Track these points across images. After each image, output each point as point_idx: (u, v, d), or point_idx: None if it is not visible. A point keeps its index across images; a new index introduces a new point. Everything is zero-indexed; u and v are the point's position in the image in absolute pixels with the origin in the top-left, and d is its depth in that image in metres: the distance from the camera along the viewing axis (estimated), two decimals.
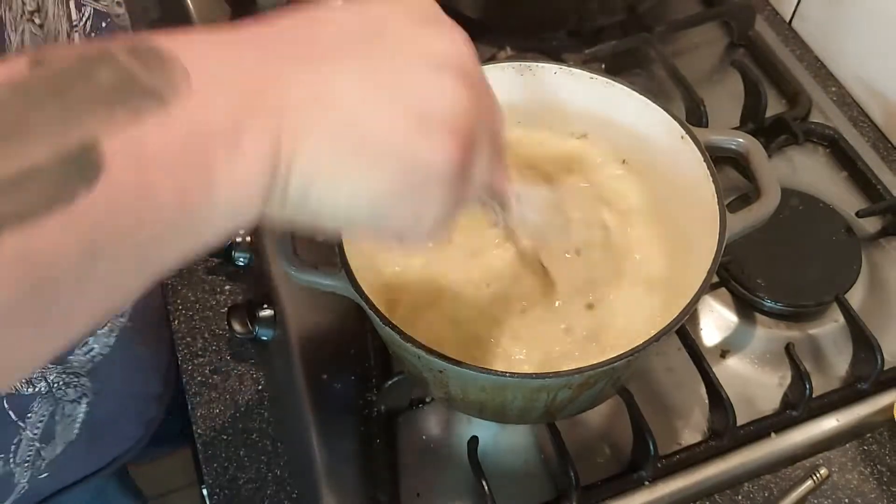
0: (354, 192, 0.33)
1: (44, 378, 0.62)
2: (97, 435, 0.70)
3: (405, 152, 0.33)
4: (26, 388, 0.61)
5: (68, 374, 0.64)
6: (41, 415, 0.63)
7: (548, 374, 0.48)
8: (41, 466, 0.67)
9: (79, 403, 0.67)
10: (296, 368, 0.64)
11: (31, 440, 0.64)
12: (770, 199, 0.54)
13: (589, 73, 0.59)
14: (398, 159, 0.33)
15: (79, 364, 0.64)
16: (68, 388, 0.65)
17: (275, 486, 0.62)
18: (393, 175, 0.33)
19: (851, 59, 0.82)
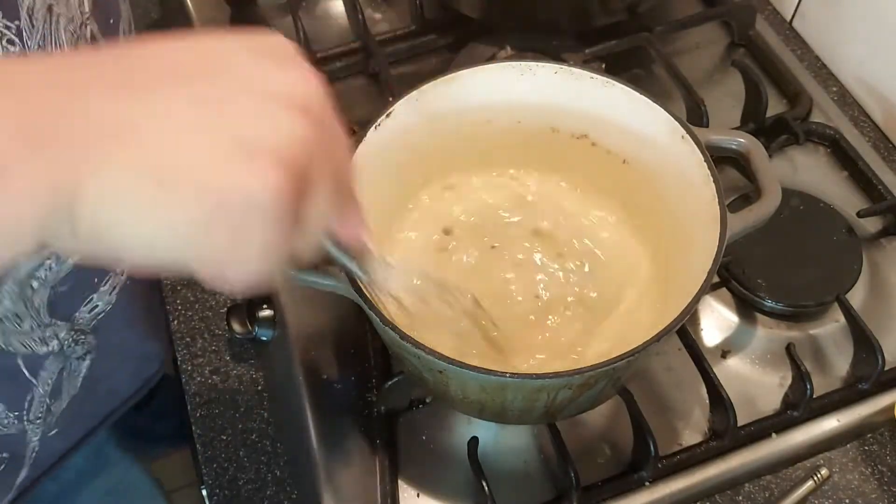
0: (156, 227, 0.30)
1: (55, 336, 0.62)
2: (94, 388, 0.71)
3: (217, 180, 0.30)
4: (41, 346, 0.62)
5: (76, 331, 0.64)
6: (52, 371, 0.64)
7: (548, 374, 0.48)
8: (51, 423, 0.67)
9: (83, 359, 0.67)
10: (296, 368, 0.64)
11: (42, 397, 0.65)
12: (771, 200, 0.54)
13: (589, 72, 0.59)
14: (208, 188, 0.30)
15: (84, 321, 0.65)
16: (76, 346, 0.66)
17: (275, 486, 0.62)
18: (201, 205, 0.30)
19: (852, 59, 0.82)
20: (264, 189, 0.30)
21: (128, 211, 0.30)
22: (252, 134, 0.31)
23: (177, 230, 0.31)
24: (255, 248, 0.32)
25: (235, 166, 0.30)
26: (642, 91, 0.57)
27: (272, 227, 0.31)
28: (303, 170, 0.31)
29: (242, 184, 0.30)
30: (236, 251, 0.32)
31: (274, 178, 0.30)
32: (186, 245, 0.31)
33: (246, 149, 0.30)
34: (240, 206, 0.30)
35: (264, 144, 0.31)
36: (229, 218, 0.31)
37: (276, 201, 0.31)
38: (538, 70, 0.59)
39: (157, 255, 0.31)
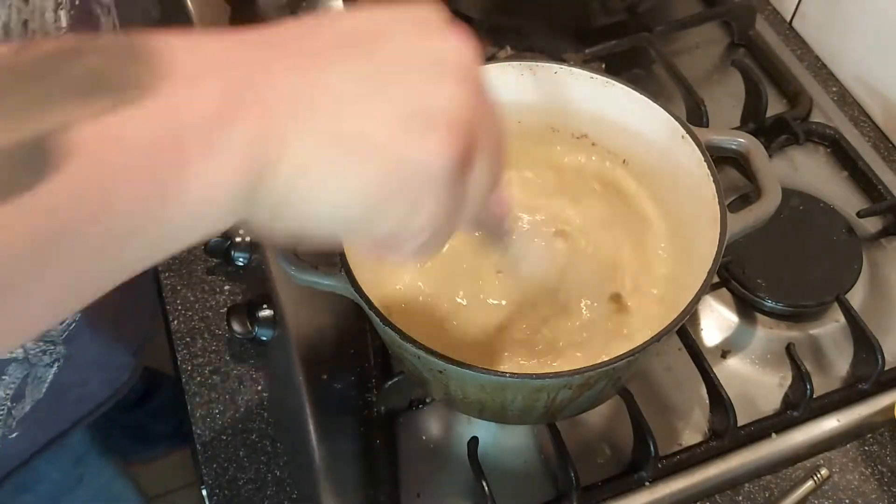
0: (341, 194, 0.31)
1: (21, 345, 0.62)
2: (61, 394, 0.70)
3: (396, 150, 0.31)
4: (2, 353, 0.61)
5: (45, 341, 0.64)
6: (14, 377, 0.63)
7: (548, 374, 0.48)
8: (12, 425, 0.67)
9: (51, 367, 0.67)
10: (296, 368, 0.64)
11: (3, 400, 0.64)
12: (771, 200, 0.54)
13: (589, 72, 0.59)
14: (387, 157, 0.31)
15: (55, 333, 0.64)
16: (44, 355, 0.65)
17: (275, 486, 0.62)
18: (381, 174, 0.31)
19: (852, 59, 0.82)
20: (441, 160, 0.31)
21: (317, 181, 0.31)
22: (426, 105, 0.32)
23: (362, 198, 0.31)
24: (430, 216, 0.33)
25: (415, 136, 0.31)
26: (642, 91, 0.57)
27: (447, 196, 0.32)
28: (472, 140, 0.32)
29: (422, 153, 0.31)
30: (413, 219, 0.33)
31: (448, 150, 0.31)
32: (369, 213, 0.32)
33: (422, 120, 0.31)
34: (418, 177, 0.32)
35: (438, 114, 0.31)
36: (410, 186, 0.32)
37: (450, 172, 0.32)
38: (538, 70, 0.59)
39: (339, 224, 0.33)
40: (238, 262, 0.71)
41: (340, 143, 0.31)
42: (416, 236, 0.34)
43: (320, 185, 0.31)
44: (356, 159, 0.31)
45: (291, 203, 0.31)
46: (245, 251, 0.70)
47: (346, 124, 0.31)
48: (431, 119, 0.31)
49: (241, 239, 0.70)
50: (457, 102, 0.32)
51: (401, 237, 0.34)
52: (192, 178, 0.28)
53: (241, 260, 0.71)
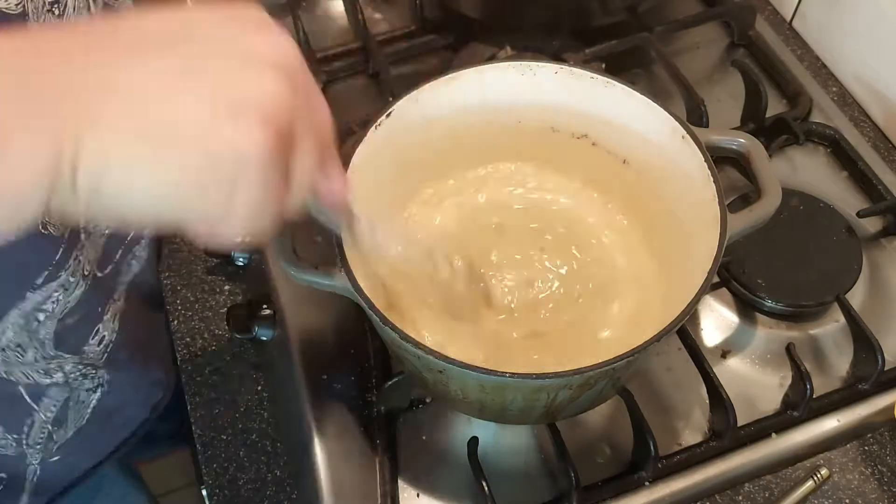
0: (151, 182, 0.31)
1: (60, 368, 0.62)
2: (106, 419, 0.70)
3: (204, 138, 0.31)
4: (44, 377, 0.61)
5: (85, 365, 0.64)
6: (56, 400, 0.64)
7: (547, 374, 0.48)
8: (53, 449, 0.67)
9: (94, 392, 0.67)
10: (296, 368, 0.64)
11: (44, 423, 0.64)
12: (771, 200, 0.54)
13: (590, 72, 0.59)
14: (196, 145, 0.31)
15: (94, 355, 0.65)
16: (85, 380, 0.65)
17: (275, 486, 0.62)
18: (191, 162, 0.31)
19: (852, 59, 0.82)
20: (252, 145, 0.32)
21: (124, 169, 0.31)
22: (236, 93, 0.32)
23: (171, 186, 0.32)
24: (246, 202, 0.33)
25: (223, 123, 0.31)
26: (643, 91, 0.57)
27: (261, 181, 0.33)
28: (287, 126, 0.33)
29: (231, 140, 0.31)
30: (228, 206, 0.33)
31: (260, 134, 0.32)
32: (181, 201, 0.32)
33: (231, 107, 0.31)
34: (229, 162, 0.32)
35: (248, 102, 0.32)
36: (220, 174, 0.32)
37: (263, 156, 0.32)
38: (538, 70, 0.59)
39: (155, 211, 0.33)
40: (238, 262, 0.71)
41: (146, 134, 0.31)
42: (238, 219, 0.34)
43: (128, 177, 0.31)
44: (163, 149, 0.31)
45: (102, 192, 0.31)
46: (245, 251, 0.70)
47: (151, 115, 0.31)
48: (241, 107, 0.32)
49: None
50: (268, 91, 0.33)
51: (220, 222, 0.34)
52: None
53: (241, 260, 0.71)
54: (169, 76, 0.31)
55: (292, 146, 0.34)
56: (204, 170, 0.32)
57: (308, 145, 0.35)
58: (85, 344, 0.63)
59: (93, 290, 0.61)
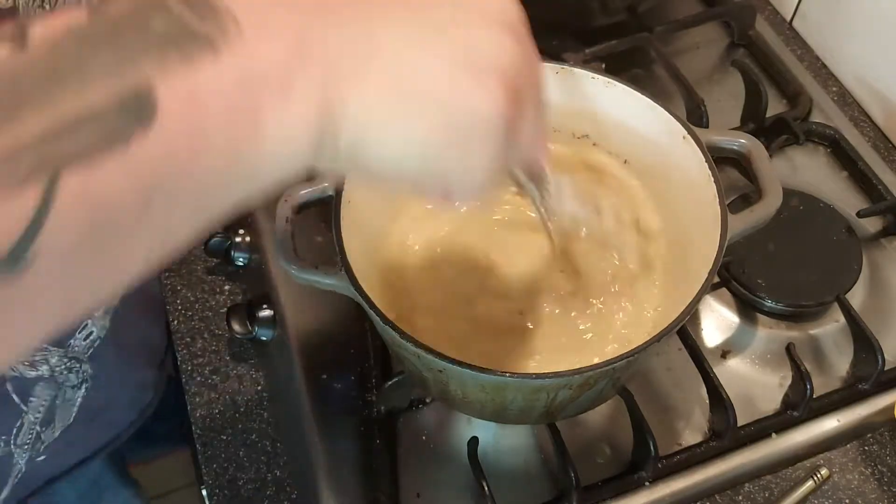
0: (404, 141, 0.33)
1: (46, 361, 0.62)
2: (92, 419, 0.70)
3: (454, 99, 0.33)
4: (29, 370, 0.62)
5: (70, 359, 0.64)
6: (43, 399, 0.64)
7: (547, 374, 0.48)
8: (40, 449, 0.67)
9: (78, 388, 0.67)
10: (296, 368, 0.64)
11: (33, 424, 0.64)
12: (772, 200, 0.54)
13: (590, 73, 0.59)
14: (447, 106, 0.33)
15: (80, 349, 0.65)
16: (70, 374, 0.65)
17: (275, 486, 0.62)
18: (441, 122, 0.33)
19: (852, 59, 0.82)
20: (494, 109, 0.33)
21: (379, 130, 0.32)
22: (478, 54, 0.33)
23: (420, 145, 0.33)
24: (482, 160, 0.35)
25: (468, 85, 0.33)
26: (644, 91, 0.57)
27: (498, 141, 0.34)
28: (520, 90, 0.34)
29: (475, 101, 0.33)
30: (466, 163, 0.35)
31: (501, 99, 0.33)
32: (427, 160, 0.34)
33: (475, 68, 0.33)
34: (473, 121, 0.33)
35: (489, 65, 0.33)
36: (466, 134, 0.33)
37: (502, 122, 0.33)
38: None
39: (402, 168, 0.34)
40: (238, 262, 0.71)
41: (400, 94, 0.32)
42: (470, 181, 0.36)
43: (382, 134, 0.32)
44: (416, 110, 0.32)
45: (358, 148, 0.32)
46: (245, 251, 0.70)
47: (405, 74, 0.32)
48: (484, 68, 0.33)
49: (242, 239, 0.70)
50: (506, 52, 0.34)
51: (456, 181, 0.35)
52: (269, 124, 0.29)
53: (241, 260, 0.71)
54: (418, 35, 0.33)
55: (522, 109, 0.35)
56: (450, 129, 0.33)
57: (533, 109, 0.36)
58: (71, 337, 0.63)
59: None
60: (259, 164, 0.30)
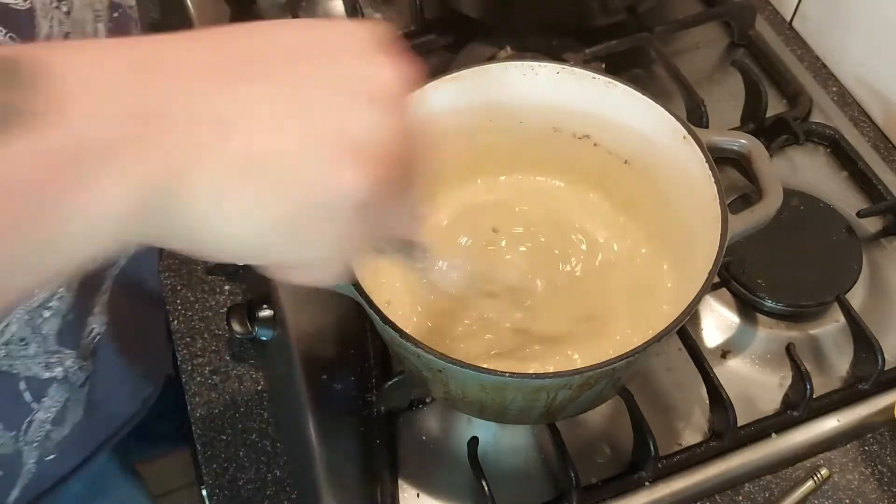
0: (244, 222, 0.31)
1: (61, 363, 0.62)
2: (95, 411, 0.71)
3: (305, 182, 0.31)
4: (44, 371, 0.62)
5: (78, 357, 0.64)
6: (56, 400, 0.64)
7: (547, 374, 0.48)
8: (49, 448, 0.67)
9: (84, 386, 0.67)
10: (296, 368, 0.64)
11: (43, 422, 0.64)
12: (772, 201, 0.54)
13: (591, 73, 0.59)
14: (296, 190, 0.31)
15: (84, 346, 0.65)
16: (80, 372, 0.65)
17: (275, 486, 0.62)
18: (288, 207, 0.31)
19: (852, 59, 0.82)
20: (351, 191, 0.31)
21: (220, 213, 0.30)
22: (340, 132, 0.31)
23: (266, 231, 0.31)
24: (335, 246, 0.33)
25: (325, 167, 0.31)
26: (644, 91, 0.57)
27: (347, 225, 0.32)
28: (387, 167, 0.32)
29: (331, 186, 0.31)
30: (318, 248, 0.33)
31: (354, 180, 0.31)
32: (272, 244, 0.32)
33: (335, 148, 0.31)
34: (327, 208, 0.31)
35: (352, 144, 0.31)
36: (316, 217, 0.31)
37: (359, 203, 0.31)
38: (540, 70, 0.59)
39: (241, 250, 0.32)
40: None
41: (245, 172, 0.30)
42: (321, 262, 0.34)
43: (223, 217, 0.30)
44: (263, 192, 0.30)
45: (193, 228, 0.31)
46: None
47: (253, 150, 0.30)
48: (344, 149, 0.31)
49: None
50: (373, 132, 0.32)
51: (301, 264, 0.34)
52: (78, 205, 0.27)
53: None
54: (279, 109, 0.31)
55: (384, 189, 0.33)
56: (299, 217, 0.31)
57: (402, 185, 0.34)
58: (81, 338, 0.63)
59: (83, 285, 0.61)
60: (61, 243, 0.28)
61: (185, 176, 0.29)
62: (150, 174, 0.29)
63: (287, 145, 0.30)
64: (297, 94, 0.31)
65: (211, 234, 0.31)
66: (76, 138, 0.27)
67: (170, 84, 0.29)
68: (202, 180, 0.29)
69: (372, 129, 0.32)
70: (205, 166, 0.29)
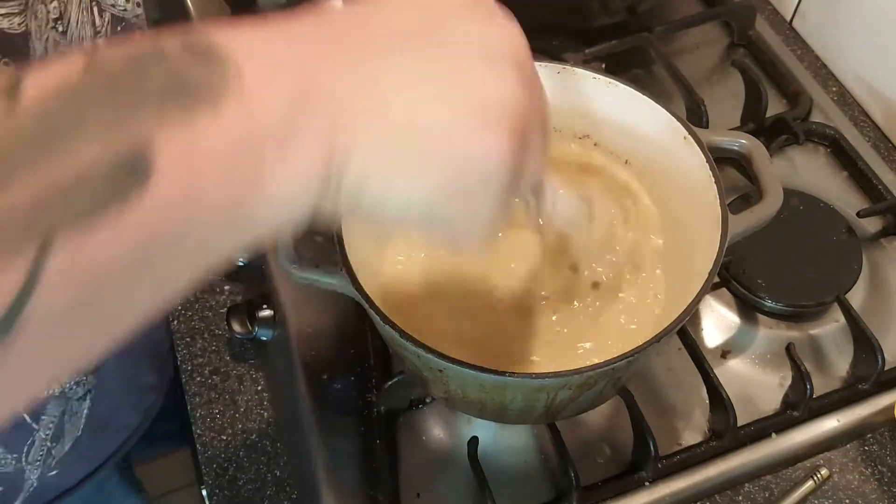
0: (408, 192, 0.33)
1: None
2: (99, 428, 0.70)
3: (459, 149, 0.32)
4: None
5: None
6: (53, 415, 0.64)
7: (547, 374, 0.48)
8: (51, 464, 0.67)
9: (84, 400, 0.67)
10: (296, 368, 0.64)
11: (44, 441, 0.64)
12: (772, 201, 0.54)
13: (592, 73, 0.59)
14: (452, 156, 0.32)
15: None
16: (77, 387, 0.65)
17: (275, 486, 0.62)
18: (446, 172, 0.33)
19: (852, 59, 0.82)
20: (499, 156, 0.33)
21: (384, 180, 0.32)
22: (480, 96, 0.33)
23: (426, 193, 0.33)
24: (487, 208, 0.35)
25: (474, 135, 0.32)
26: (644, 91, 0.57)
27: (503, 189, 0.34)
28: (526, 134, 0.34)
29: (481, 151, 0.33)
30: (471, 211, 0.34)
31: (506, 142, 0.33)
32: (431, 208, 0.34)
33: (477, 112, 0.32)
34: (478, 172, 0.33)
35: (496, 111, 0.33)
36: (469, 182, 0.33)
37: (508, 171, 0.33)
38: (540, 70, 0.58)
39: (407, 215, 0.34)
40: (238, 262, 0.71)
41: (405, 144, 0.32)
42: (475, 228, 0.35)
43: (389, 183, 0.32)
44: (421, 160, 0.32)
45: (362, 197, 0.32)
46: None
47: (410, 124, 0.32)
48: (490, 116, 0.33)
49: None
50: (512, 95, 0.33)
51: (461, 227, 0.35)
52: (269, 180, 0.29)
53: (242, 260, 0.71)
54: (424, 79, 0.32)
55: (527, 148, 0.34)
56: (455, 179, 0.33)
57: (538, 142, 0.36)
58: None
59: None
60: (259, 217, 0.30)
61: (350, 149, 0.31)
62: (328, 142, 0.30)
63: (436, 115, 0.32)
64: (436, 61, 0.33)
65: (376, 199, 0.32)
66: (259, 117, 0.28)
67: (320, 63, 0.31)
68: (364, 154, 0.31)
69: (509, 92, 0.33)
70: (364, 140, 0.31)
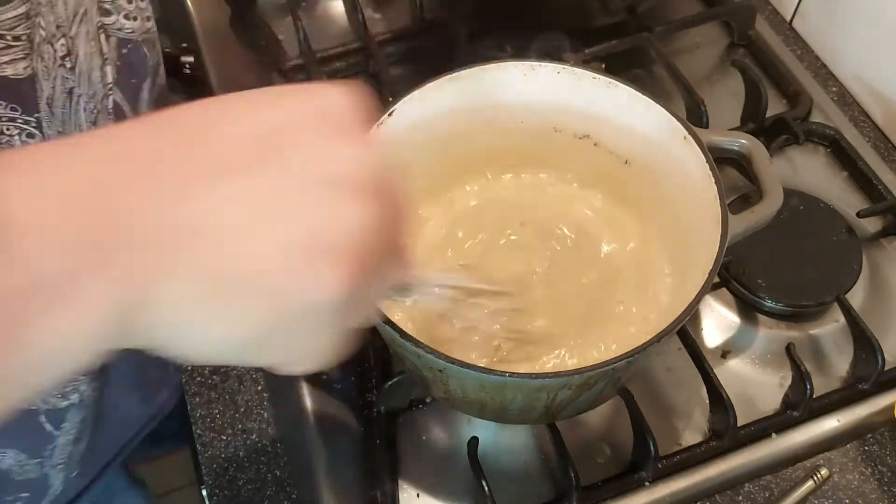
0: (218, 336, 0.30)
1: (77, 390, 0.62)
2: (105, 422, 0.70)
3: (281, 291, 0.29)
4: (61, 400, 0.61)
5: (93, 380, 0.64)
6: (74, 422, 0.64)
7: (547, 374, 0.48)
8: (72, 466, 0.67)
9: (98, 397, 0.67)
10: None
11: (66, 445, 0.64)
12: (772, 201, 0.54)
13: (592, 73, 0.59)
14: (272, 299, 0.29)
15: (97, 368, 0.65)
16: (94, 393, 0.65)
17: (275, 486, 0.62)
18: (265, 316, 0.30)
19: (852, 59, 0.82)
20: (332, 293, 0.30)
21: (190, 320, 0.29)
22: (313, 226, 0.30)
23: (244, 340, 0.30)
24: (314, 343, 0.32)
25: (302, 272, 0.29)
26: (644, 91, 0.57)
27: (332, 322, 0.31)
28: (362, 259, 0.31)
29: (310, 290, 0.30)
30: (302, 349, 0.32)
31: (341, 281, 0.30)
32: (247, 349, 0.31)
33: (310, 251, 0.29)
34: (308, 312, 0.30)
35: (329, 243, 0.30)
36: (292, 320, 0.30)
37: (336, 302, 0.30)
38: (540, 70, 0.59)
39: (217, 357, 0.31)
40: None
41: (220, 287, 0.29)
42: (308, 356, 0.33)
43: (197, 328, 0.30)
44: (237, 304, 0.29)
45: (158, 338, 0.30)
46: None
47: (226, 262, 0.29)
48: (319, 251, 0.30)
49: None
50: (348, 221, 0.30)
51: (291, 359, 0.33)
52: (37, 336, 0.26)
53: None
54: (249, 213, 0.29)
55: (368, 273, 0.31)
56: (277, 324, 0.30)
57: (383, 264, 0.33)
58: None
59: None
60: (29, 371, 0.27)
61: (152, 290, 0.28)
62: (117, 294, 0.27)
63: (258, 253, 0.29)
64: (267, 192, 0.29)
65: (189, 343, 0.30)
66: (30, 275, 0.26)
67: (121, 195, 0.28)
68: (172, 294, 0.28)
69: (348, 216, 0.30)
70: (174, 280, 0.28)
